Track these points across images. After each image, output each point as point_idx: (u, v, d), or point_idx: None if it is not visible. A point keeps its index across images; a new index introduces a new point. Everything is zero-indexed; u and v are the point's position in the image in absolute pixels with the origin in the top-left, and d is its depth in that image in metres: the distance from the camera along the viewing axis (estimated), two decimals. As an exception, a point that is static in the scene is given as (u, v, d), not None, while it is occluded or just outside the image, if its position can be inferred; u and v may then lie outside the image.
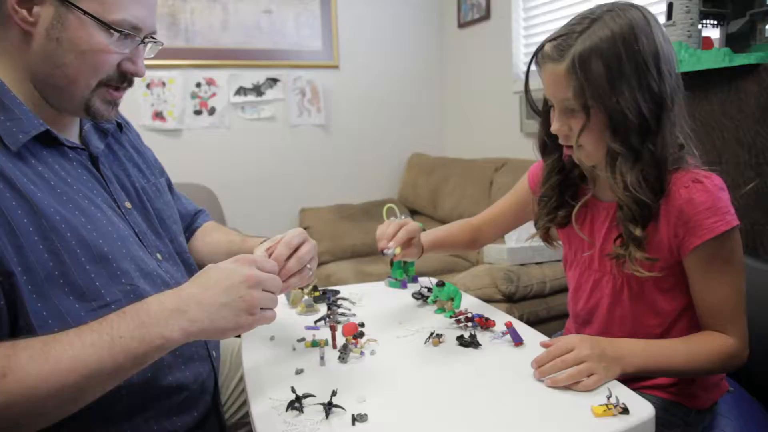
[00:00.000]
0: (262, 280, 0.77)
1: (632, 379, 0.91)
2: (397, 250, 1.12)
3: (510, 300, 1.72)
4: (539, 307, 1.75)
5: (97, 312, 0.77)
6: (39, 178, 0.78)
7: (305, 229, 3.21)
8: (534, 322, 1.70)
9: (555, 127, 0.97)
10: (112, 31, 0.81)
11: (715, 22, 1.70)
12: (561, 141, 1.00)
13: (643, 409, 0.76)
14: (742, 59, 1.53)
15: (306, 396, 0.80)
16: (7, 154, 0.76)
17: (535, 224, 1.17)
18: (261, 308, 0.77)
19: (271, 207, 3.34)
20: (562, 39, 0.92)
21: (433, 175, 3.33)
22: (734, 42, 1.63)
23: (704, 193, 0.92)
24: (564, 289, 1.71)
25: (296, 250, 0.95)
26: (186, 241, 1.11)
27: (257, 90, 3.25)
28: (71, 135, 0.89)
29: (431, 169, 3.39)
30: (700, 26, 1.67)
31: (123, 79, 0.87)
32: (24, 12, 0.78)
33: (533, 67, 1.00)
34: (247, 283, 0.75)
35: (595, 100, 0.90)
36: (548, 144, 1.07)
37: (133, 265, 0.84)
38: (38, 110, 0.82)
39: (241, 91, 3.21)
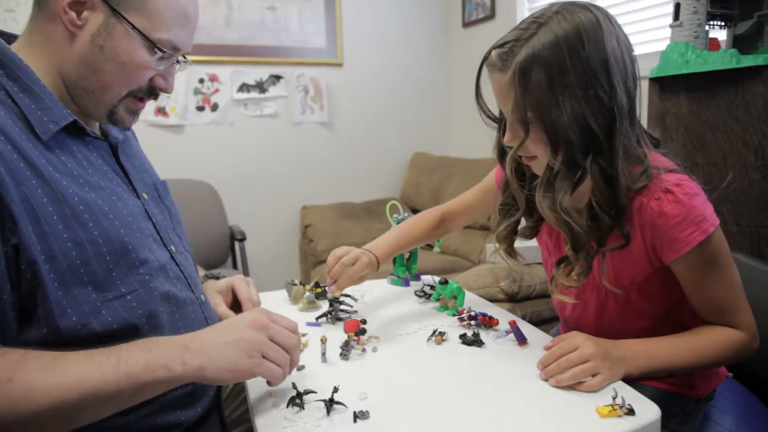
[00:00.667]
0: (268, 326, 0.78)
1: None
2: (336, 293, 1.12)
3: (513, 300, 1.71)
4: (542, 307, 1.74)
5: (111, 303, 0.77)
6: (64, 167, 0.79)
7: (306, 227, 3.23)
8: (537, 322, 1.69)
9: (507, 138, 0.92)
10: (156, 49, 0.83)
11: (722, 24, 1.69)
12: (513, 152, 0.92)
13: (649, 410, 0.75)
14: (749, 61, 1.52)
15: (307, 392, 0.80)
16: (35, 142, 0.77)
17: (497, 237, 1.10)
18: (264, 357, 0.77)
19: (272, 204, 3.33)
20: (509, 46, 0.86)
21: (436, 174, 3.32)
22: (741, 44, 1.62)
23: (676, 205, 0.86)
24: (567, 290, 1.70)
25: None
26: None
27: (260, 87, 3.24)
28: (93, 126, 0.91)
29: (434, 168, 3.38)
30: (707, 27, 1.66)
31: (151, 92, 0.89)
32: (73, 14, 0.80)
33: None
34: (252, 326, 0.77)
35: (534, 113, 0.84)
36: (506, 152, 0.98)
37: (151, 255, 0.85)
38: (64, 104, 0.83)
39: (244, 87, 3.20)
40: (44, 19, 0.82)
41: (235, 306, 1.09)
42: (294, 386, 0.80)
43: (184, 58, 0.90)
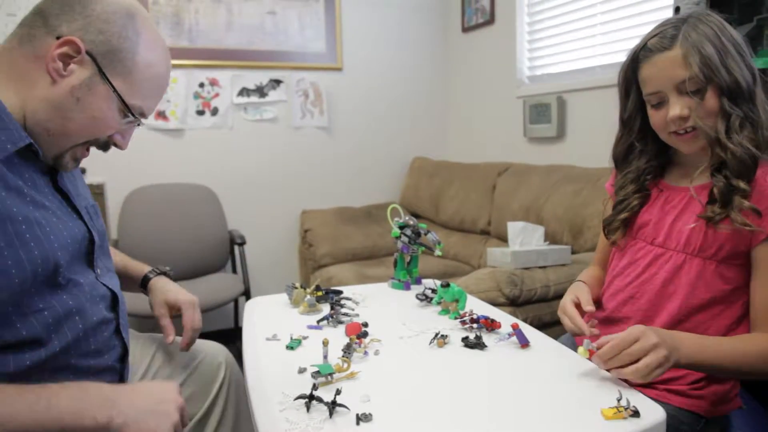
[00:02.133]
0: (183, 407, 0.86)
1: (645, 384, 0.91)
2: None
3: (514, 303, 1.70)
4: (543, 311, 1.74)
5: (27, 317, 0.79)
6: (12, 185, 0.80)
7: (306, 232, 3.23)
8: (538, 326, 1.68)
9: (675, 111, 1.03)
10: (128, 113, 0.89)
11: (722, 27, 1.69)
12: (677, 126, 1.04)
13: (653, 412, 0.75)
14: (749, 64, 1.52)
15: (318, 399, 0.79)
16: None
17: (606, 228, 1.20)
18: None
19: (272, 209, 3.33)
20: (661, 35, 1.03)
21: (436, 179, 3.32)
22: (741, 47, 1.62)
23: None
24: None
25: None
26: None
27: (260, 91, 3.24)
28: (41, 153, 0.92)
29: (433, 173, 3.38)
30: (707, 31, 1.67)
31: (105, 146, 0.93)
32: (60, 64, 0.83)
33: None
34: (175, 404, 0.85)
35: (713, 74, 1.00)
36: (635, 148, 1.16)
37: (79, 278, 0.88)
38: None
39: (244, 92, 3.20)
40: (25, 56, 0.83)
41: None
42: (314, 386, 0.80)
43: (143, 120, 0.94)
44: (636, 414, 0.73)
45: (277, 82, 3.27)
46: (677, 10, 1.67)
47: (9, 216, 0.77)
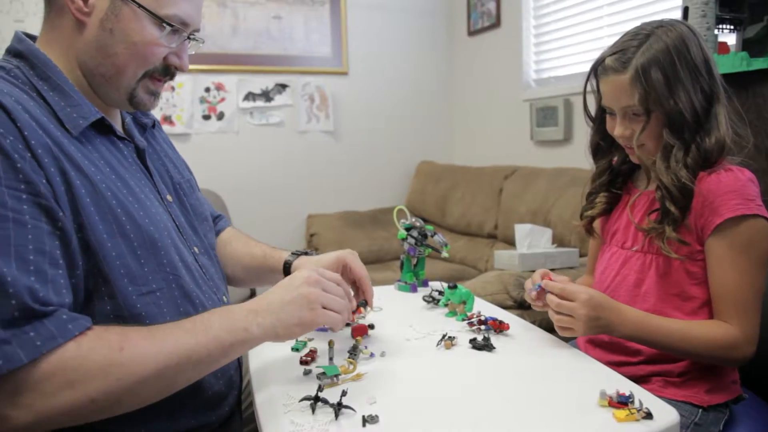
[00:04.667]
0: (320, 280, 0.85)
1: (639, 380, 0.95)
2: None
3: (521, 306, 1.68)
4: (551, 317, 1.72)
5: (144, 297, 0.80)
6: (97, 161, 0.81)
7: (311, 236, 3.22)
8: (546, 329, 1.66)
9: (619, 131, 1.08)
10: (164, 24, 0.85)
11: (732, 27, 1.68)
12: (622, 143, 1.10)
13: (667, 414, 0.73)
14: (760, 63, 1.51)
15: (324, 400, 0.77)
16: (69, 137, 0.79)
17: (581, 216, 1.25)
18: (324, 307, 0.83)
19: (278, 212, 3.33)
20: (621, 53, 1.03)
21: (442, 183, 3.31)
22: (751, 47, 1.60)
23: (732, 178, 1.00)
24: (576, 297, 1.68)
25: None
26: None
27: (266, 95, 3.25)
28: (117, 127, 0.92)
29: (440, 177, 3.37)
30: (716, 31, 1.65)
31: (166, 71, 0.90)
32: (80, 2, 0.82)
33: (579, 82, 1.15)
34: (307, 282, 0.84)
35: (656, 104, 1.02)
36: (602, 148, 1.19)
37: (176, 255, 0.87)
38: (89, 99, 0.85)
39: (249, 96, 3.21)
40: (55, 14, 0.84)
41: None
42: (320, 387, 0.79)
43: (195, 35, 0.91)
44: (649, 416, 0.71)
45: (283, 86, 3.27)
46: (686, 10, 1.65)
47: (100, 190, 0.77)
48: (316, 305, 0.83)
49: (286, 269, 1.14)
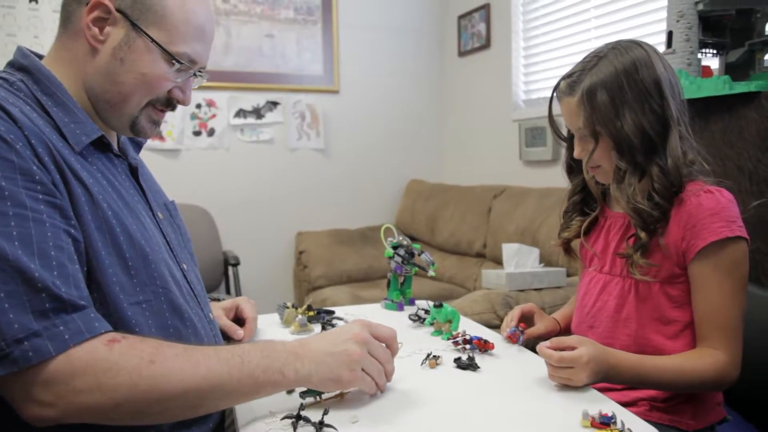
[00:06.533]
0: (368, 341, 0.84)
1: (626, 405, 0.92)
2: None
3: (508, 326, 1.69)
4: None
5: (133, 307, 0.80)
6: (96, 175, 0.83)
7: (301, 253, 3.21)
8: (533, 349, 1.66)
9: (576, 152, 1.10)
10: (173, 61, 0.87)
11: (714, 52, 1.71)
12: (584, 164, 1.10)
13: (649, 434, 0.73)
14: (742, 87, 1.54)
15: (305, 419, 0.76)
16: (71, 152, 0.81)
17: (558, 235, 1.26)
18: (364, 370, 0.83)
19: (267, 230, 3.32)
20: (576, 76, 1.05)
21: (431, 201, 3.32)
22: (733, 71, 1.63)
23: (713, 201, 1.00)
24: (563, 316, 1.68)
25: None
26: None
27: (257, 112, 3.26)
28: (114, 145, 0.94)
29: (429, 195, 3.38)
30: (699, 55, 1.68)
31: (168, 103, 0.93)
32: (96, 30, 0.84)
33: (555, 100, 1.13)
34: (354, 339, 0.83)
35: (601, 127, 1.02)
36: (573, 167, 1.20)
37: (166, 270, 0.87)
38: (91, 119, 0.87)
39: (240, 113, 3.22)
40: (69, 36, 0.87)
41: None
42: (301, 406, 0.78)
43: (201, 72, 0.93)
44: (631, 436, 0.71)
45: (274, 103, 3.29)
46: (670, 35, 1.69)
47: (98, 202, 0.79)
48: (357, 367, 0.82)
49: None
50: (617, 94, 1.01)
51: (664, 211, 1.02)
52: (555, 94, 1.11)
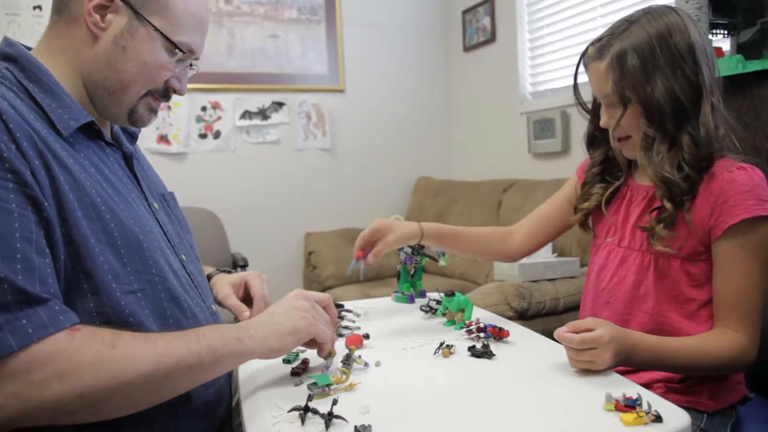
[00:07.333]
0: (309, 297, 0.89)
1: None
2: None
3: (522, 317, 1.65)
4: (553, 325, 1.65)
5: (128, 296, 0.78)
6: (84, 162, 0.81)
7: (310, 254, 3.18)
8: (551, 336, 1.63)
9: (603, 120, 1.06)
10: (176, 50, 0.88)
11: (725, 32, 1.67)
12: (610, 133, 1.07)
13: (678, 417, 0.69)
14: (756, 65, 1.49)
15: (314, 410, 0.73)
16: (57, 138, 0.79)
17: (575, 209, 1.21)
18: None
19: (275, 231, 3.30)
20: (605, 40, 1.02)
21: (440, 198, 3.29)
22: (745, 51, 1.59)
23: (746, 177, 0.96)
24: (579, 306, 1.65)
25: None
26: None
27: (263, 114, 3.24)
28: (106, 133, 0.93)
29: (438, 192, 3.35)
30: (710, 36, 1.64)
31: (165, 93, 0.93)
32: (97, 17, 0.83)
33: (581, 69, 1.10)
34: (295, 297, 0.89)
35: (631, 91, 0.99)
36: (597, 137, 1.16)
37: (162, 259, 0.86)
38: (83, 106, 0.86)
39: (246, 114, 3.20)
40: (65, 24, 0.85)
41: (246, 303, 1.09)
42: (309, 397, 0.75)
43: (195, 63, 0.94)
44: (658, 419, 0.67)
45: (280, 104, 3.27)
46: (679, 15, 1.64)
47: (85, 188, 0.77)
48: (308, 315, 0.85)
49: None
50: (649, 58, 0.98)
51: (693, 184, 0.98)
52: (582, 61, 1.08)
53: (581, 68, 1.10)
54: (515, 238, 1.31)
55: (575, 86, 1.13)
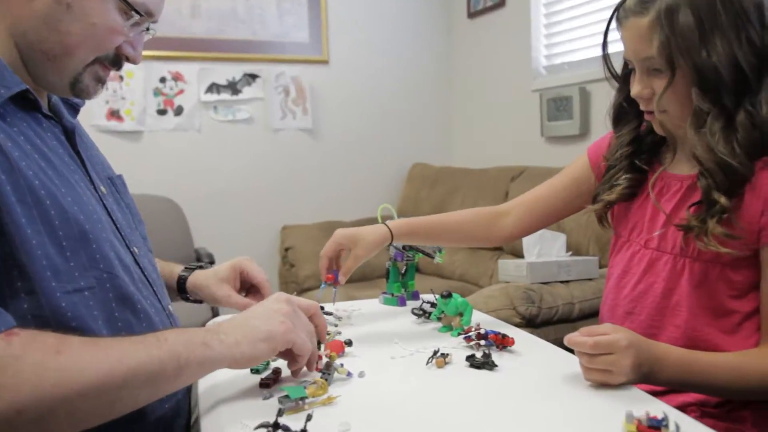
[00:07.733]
0: (292, 301, 0.89)
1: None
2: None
3: (531, 324, 1.65)
4: (566, 332, 1.67)
5: (70, 296, 0.77)
6: (17, 138, 0.79)
7: (287, 250, 3.18)
8: (561, 344, 1.64)
9: (636, 89, 1.01)
10: (132, 11, 0.86)
11: None
12: (642, 106, 1.04)
13: (707, 437, 0.69)
14: None
15: (285, 428, 0.73)
16: None
17: (594, 200, 1.18)
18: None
19: (247, 224, 3.30)
20: None
21: (438, 188, 3.31)
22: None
23: None
24: (596, 312, 1.66)
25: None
26: None
27: (233, 87, 3.24)
28: (43, 103, 0.91)
29: (435, 181, 3.37)
30: None
31: (116, 61, 0.91)
32: None
33: (613, 25, 1.06)
34: (277, 300, 0.88)
35: (683, 55, 0.94)
36: (626, 111, 1.12)
37: (112, 252, 0.85)
38: (16, 72, 0.84)
39: (213, 88, 3.20)
40: None
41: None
42: (279, 412, 0.74)
43: (153, 25, 0.93)
44: (685, 440, 0.67)
45: (253, 76, 3.27)
46: None
47: (19, 169, 0.75)
48: (287, 320, 0.84)
49: (181, 286, 1.18)
50: (707, 15, 0.93)
51: (742, 171, 0.94)
52: (616, 16, 1.03)
53: (613, 24, 1.06)
54: (505, 221, 1.30)
55: (604, 45, 1.10)
